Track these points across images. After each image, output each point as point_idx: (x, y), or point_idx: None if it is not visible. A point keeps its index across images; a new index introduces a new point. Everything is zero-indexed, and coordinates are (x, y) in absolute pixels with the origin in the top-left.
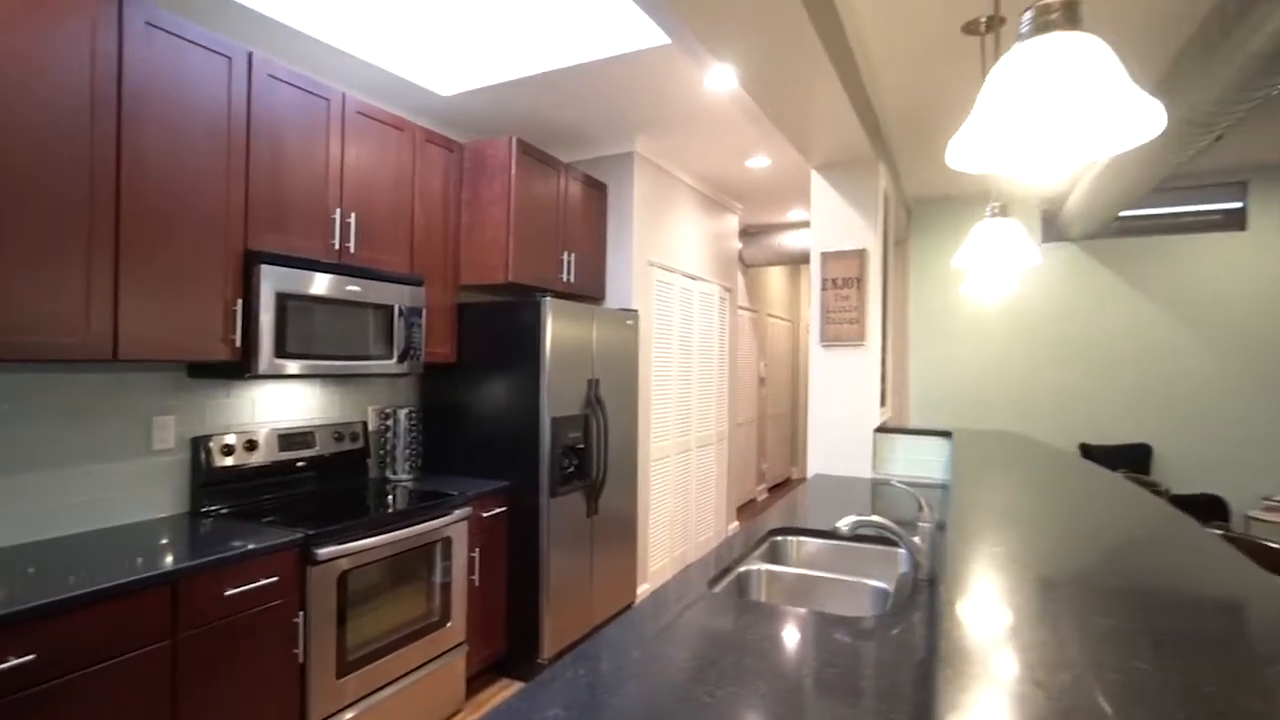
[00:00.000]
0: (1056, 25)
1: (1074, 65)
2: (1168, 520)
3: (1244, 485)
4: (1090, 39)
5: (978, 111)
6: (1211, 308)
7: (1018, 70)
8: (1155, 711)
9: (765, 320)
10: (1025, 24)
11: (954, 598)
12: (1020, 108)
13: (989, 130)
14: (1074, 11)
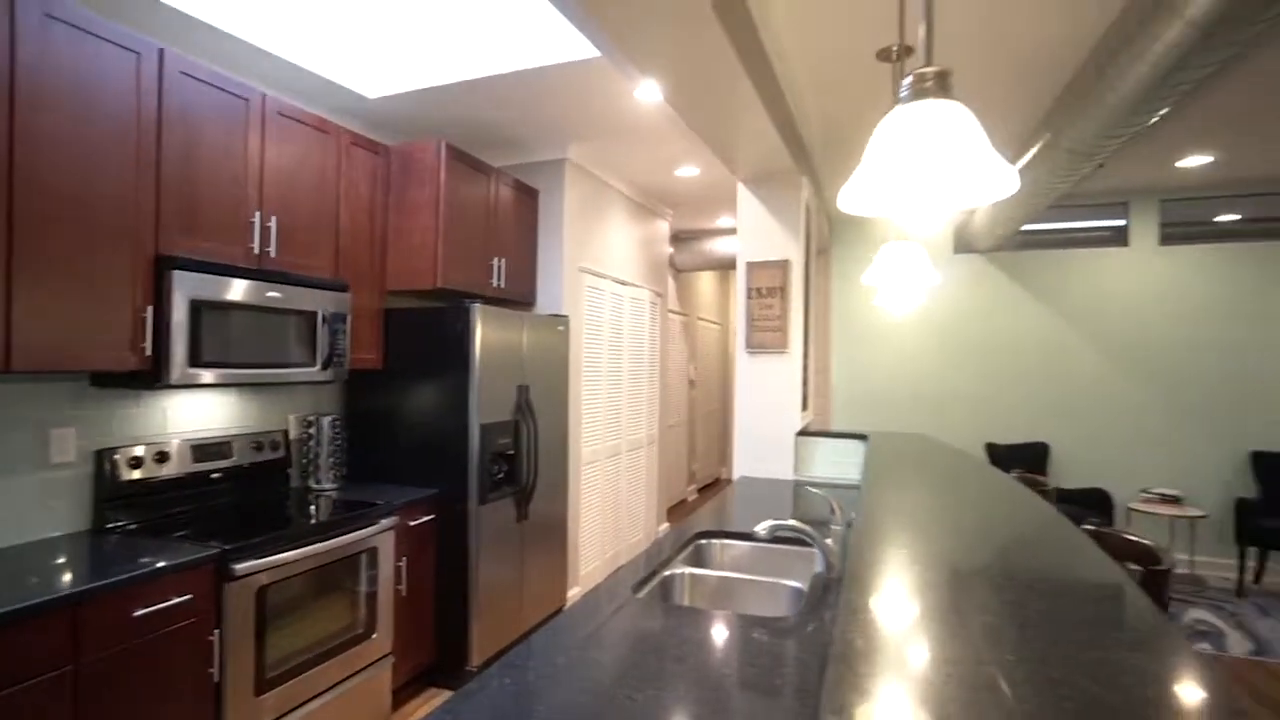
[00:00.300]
0: (931, 93)
1: (943, 129)
2: (1048, 521)
3: (1127, 479)
4: (958, 107)
5: (864, 164)
6: (1102, 317)
7: (897, 130)
8: (1013, 696)
9: (696, 324)
10: (905, 89)
11: (850, 599)
12: (898, 163)
13: (873, 181)
14: (945, 81)
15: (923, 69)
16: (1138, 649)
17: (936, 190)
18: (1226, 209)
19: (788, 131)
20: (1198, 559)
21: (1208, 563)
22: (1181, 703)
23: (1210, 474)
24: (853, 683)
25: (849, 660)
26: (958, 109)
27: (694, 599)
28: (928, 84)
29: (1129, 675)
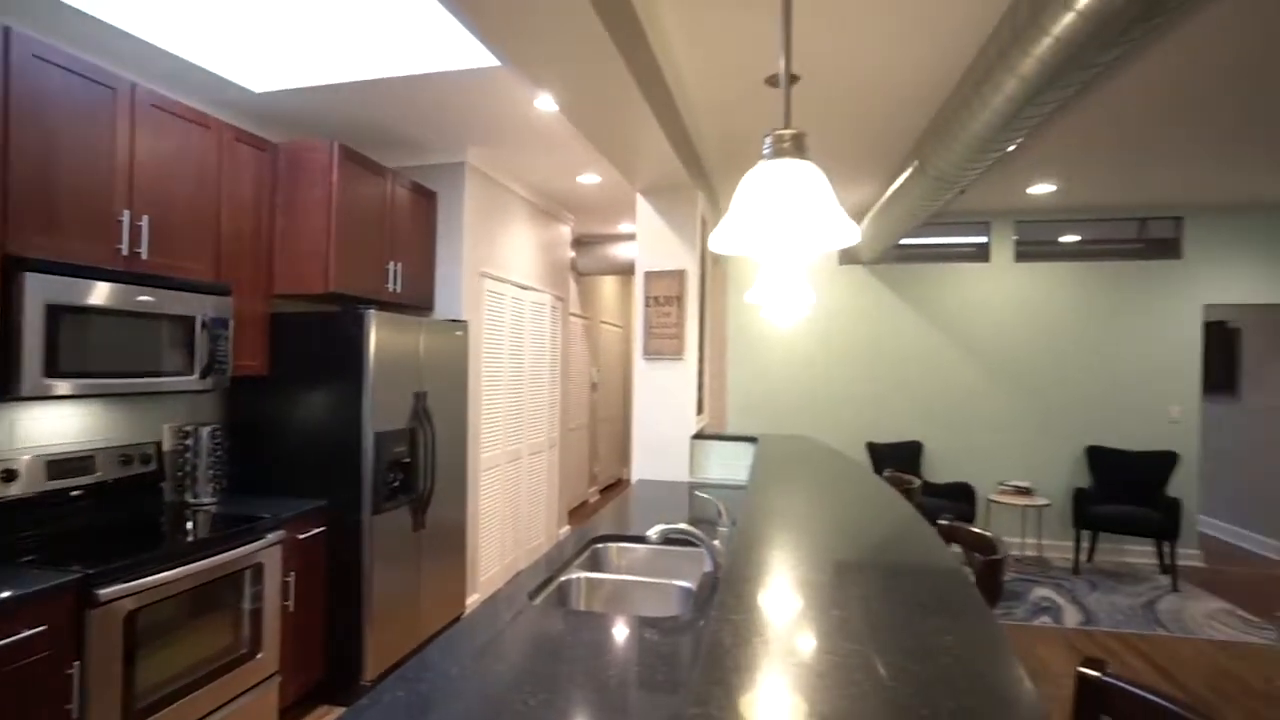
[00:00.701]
0: (788, 153)
1: (798, 186)
2: (907, 520)
3: (987, 473)
4: (810, 166)
5: (732, 210)
6: (968, 326)
7: (760, 183)
8: (852, 683)
9: (598, 327)
10: (766, 147)
11: (721, 599)
12: (761, 213)
13: (740, 226)
14: (801, 143)
15: (781, 131)
16: (960, 625)
17: (791, 238)
18: (1070, 231)
19: (683, 148)
20: (1044, 542)
21: (1052, 545)
22: (987, 670)
23: (1055, 467)
24: (717, 677)
25: (716, 656)
26: (810, 169)
27: (590, 603)
28: (785, 145)
29: (951, 648)
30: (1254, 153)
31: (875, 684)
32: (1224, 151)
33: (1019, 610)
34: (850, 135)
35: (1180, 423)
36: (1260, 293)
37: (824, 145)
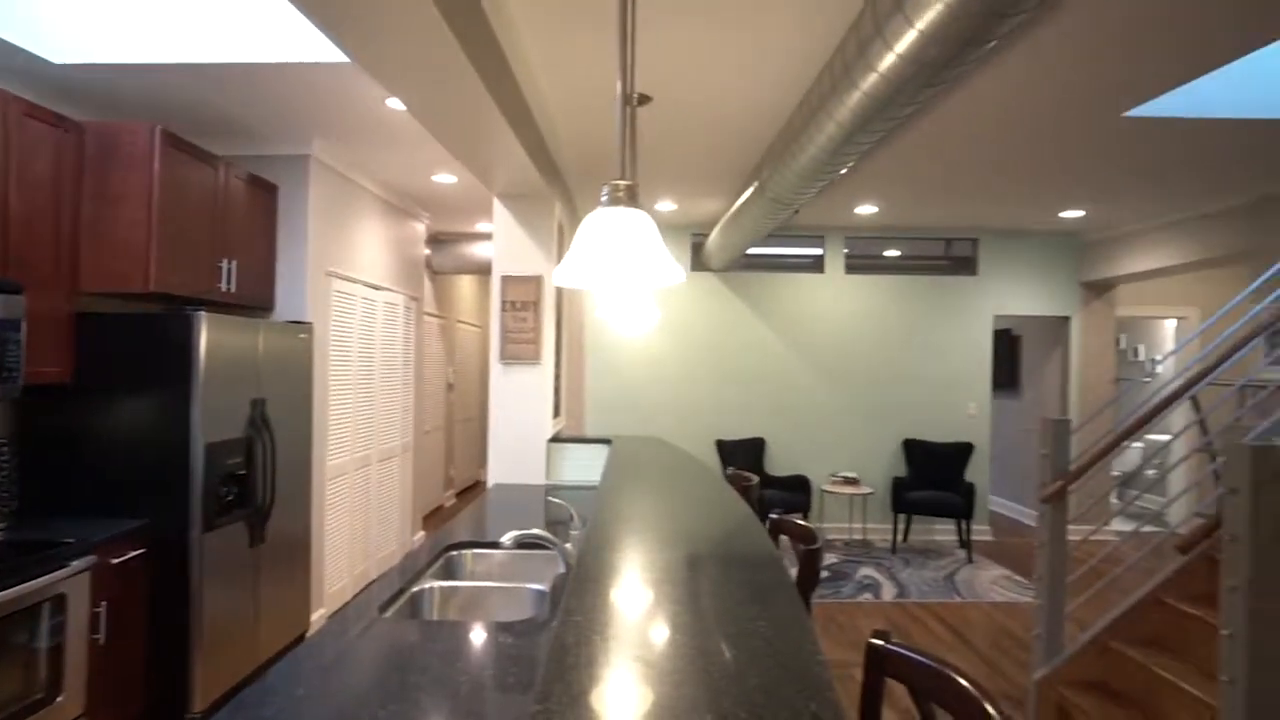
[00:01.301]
0: (623, 201)
1: (630, 231)
2: (741, 518)
3: (821, 466)
4: (641, 215)
5: (573, 249)
6: (806, 330)
7: (597, 227)
8: (706, 664)
9: (455, 326)
10: (604, 195)
11: (566, 602)
12: (598, 253)
13: (580, 264)
14: (633, 193)
15: (617, 181)
16: (772, 611)
17: (622, 277)
18: (891, 247)
19: (541, 158)
20: (868, 526)
21: (875, 529)
22: (790, 649)
23: (877, 458)
24: (559, 675)
25: (558, 656)
26: (641, 217)
27: (444, 612)
28: (620, 194)
29: (763, 631)
30: (1031, 188)
31: (697, 669)
32: (1007, 185)
33: (846, 588)
34: (700, 153)
35: (976, 417)
36: (1037, 306)
37: (676, 162)
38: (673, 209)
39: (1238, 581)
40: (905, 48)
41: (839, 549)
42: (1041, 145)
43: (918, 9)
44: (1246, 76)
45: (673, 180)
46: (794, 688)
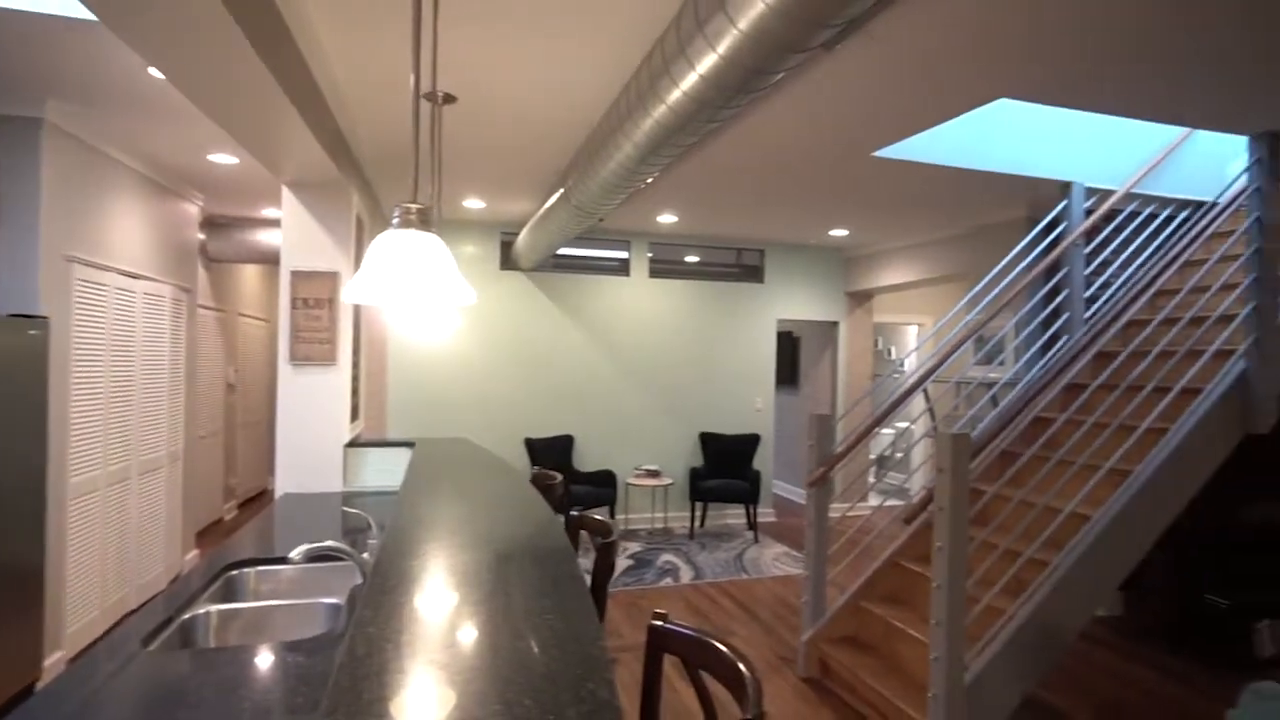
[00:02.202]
0: (414, 225)
1: (421, 254)
2: (541, 518)
3: (627, 460)
4: (432, 239)
5: (363, 267)
6: (613, 331)
7: (389, 247)
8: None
9: (237, 320)
10: (395, 217)
11: (361, 612)
12: (389, 272)
13: (370, 282)
14: (426, 217)
15: (408, 205)
16: (562, 604)
17: (413, 299)
18: (691, 253)
19: (338, 149)
20: (669, 515)
21: (675, 517)
22: (576, 636)
23: (677, 451)
24: (348, 685)
25: (348, 667)
26: (432, 241)
27: (224, 638)
28: (412, 217)
29: (553, 623)
30: (804, 209)
31: (489, 664)
32: (785, 205)
33: (648, 575)
34: (509, 156)
35: (762, 411)
36: (812, 311)
37: (484, 162)
38: (481, 207)
39: (943, 543)
40: (690, 86)
41: (643, 538)
42: (808, 174)
43: (698, 54)
44: (962, 134)
45: (481, 179)
46: (577, 671)
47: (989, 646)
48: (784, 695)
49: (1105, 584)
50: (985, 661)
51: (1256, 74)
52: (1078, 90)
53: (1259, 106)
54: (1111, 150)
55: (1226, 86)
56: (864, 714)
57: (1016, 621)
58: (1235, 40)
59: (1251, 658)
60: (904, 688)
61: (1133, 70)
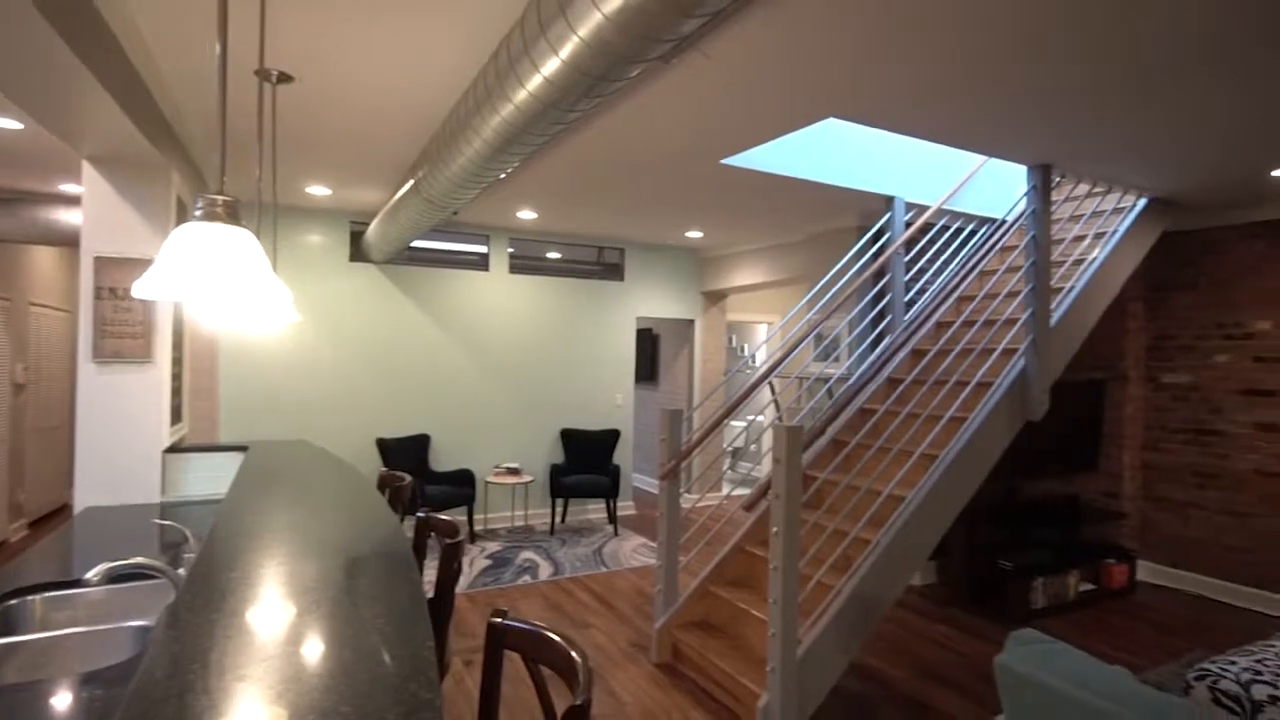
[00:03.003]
0: (220, 218)
1: (228, 249)
2: (377, 519)
3: (487, 458)
4: (242, 234)
5: (159, 260)
6: (471, 327)
7: (190, 241)
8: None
9: (27, 310)
10: (199, 208)
11: (164, 633)
12: (190, 267)
13: (168, 276)
14: (233, 210)
15: (213, 196)
16: (393, 608)
17: (216, 297)
18: (552, 250)
19: (153, 125)
20: (530, 512)
21: (536, 514)
22: (403, 639)
23: (538, 448)
24: (140, 713)
25: (144, 691)
26: (241, 235)
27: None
28: (218, 210)
29: (383, 628)
30: (660, 211)
31: (308, 676)
32: (642, 206)
33: (506, 574)
34: (355, 143)
35: (622, 406)
36: (670, 310)
37: (327, 147)
38: (327, 194)
39: (779, 527)
40: (535, 87)
41: (503, 537)
42: (664, 177)
43: (542, 57)
44: (802, 148)
45: (325, 165)
46: (402, 674)
47: (820, 620)
48: (638, 682)
49: (917, 556)
50: (817, 634)
51: (1031, 115)
52: (895, 115)
53: (1035, 140)
54: (929, 170)
55: (1009, 123)
56: (712, 693)
57: (843, 596)
58: (1016, 84)
59: (1030, 610)
60: (747, 664)
61: (937, 102)
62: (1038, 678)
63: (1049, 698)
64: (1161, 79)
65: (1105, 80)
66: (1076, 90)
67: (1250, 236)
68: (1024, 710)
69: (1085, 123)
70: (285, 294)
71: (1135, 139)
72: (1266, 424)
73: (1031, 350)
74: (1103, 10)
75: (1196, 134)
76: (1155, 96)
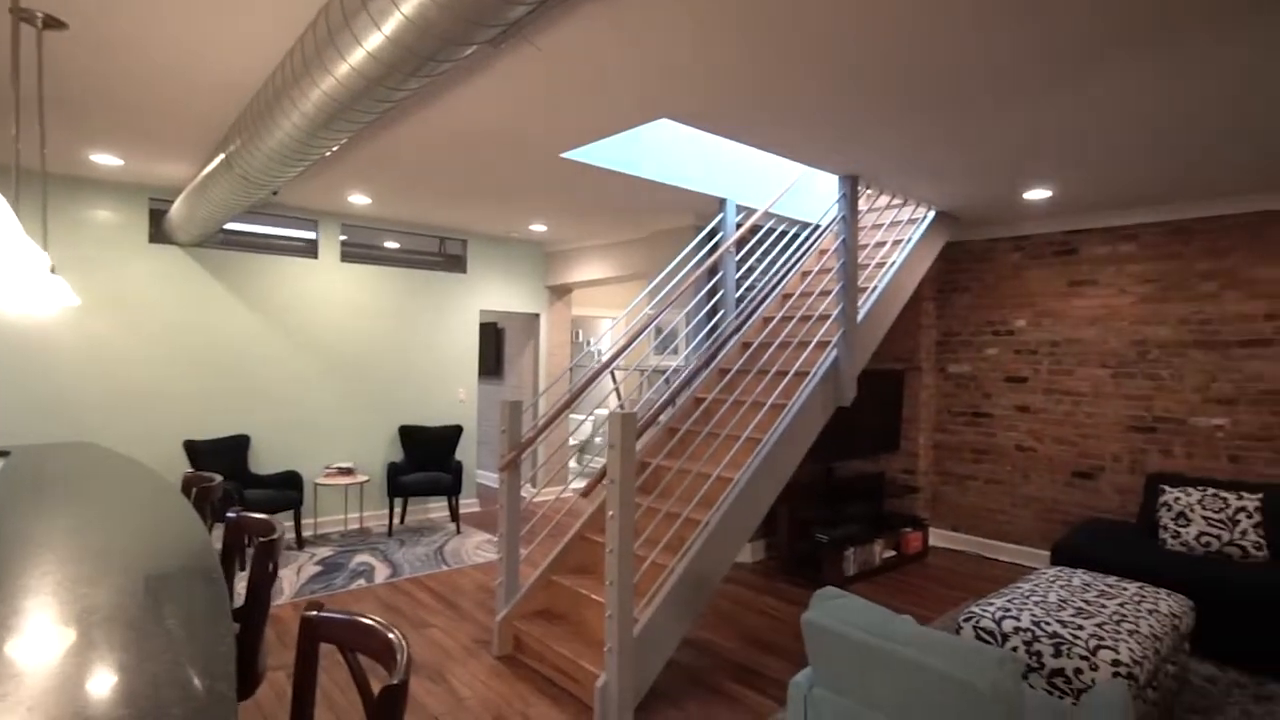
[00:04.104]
0: None
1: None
2: (175, 523)
3: (316, 459)
4: None
5: None
6: (298, 318)
7: None
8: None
9: None
10: None
11: None
12: None
13: None
14: None
15: None
16: (190, 608)
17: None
18: (391, 239)
19: None
20: (366, 514)
21: (373, 516)
22: (197, 638)
23: (374, 446)
24: None
25: None
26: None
27: None
28: None
29: (175, 628)
30: (503, 202)
31: (75, 687)
32: (484, 196)
33: (339, 579)
34: (147, 106)
35: (465, 401)
36: (515, 303)
37: (113, 109)
38: (118, 165)
39: (614, 511)
40: (358, 62)
41: (335, 541)
42: (502, 168)
43: (363, 31)
44: (639, 147)
45: (112, 132)
46: (194, 671)
47: (655, 599)
48: (480, 676)
49: (743, 533)
50: (652, 612)
51: (840, 130)
52: (723, 121)
53: (844, 153)
54: (761, 176)
55: (821, 136)
56: (554, 679)
57: (676, 574)
58: (827, 101)
59: (844, 577)
60: (588, 648)
61: (758, 111)
62: (837, 629)
63: (847, 645)
64: (941, 109)
65: (897, 105)
66: (875, 112)
67: (1012, 249)
68: (827, 658)
69: (883, 141)
70: (39, 260)
71: (923, 159)
72: (1022, 406)
73: (843, 342)
74: (897, 45)
75: (968, 158)
76: (938, 123)
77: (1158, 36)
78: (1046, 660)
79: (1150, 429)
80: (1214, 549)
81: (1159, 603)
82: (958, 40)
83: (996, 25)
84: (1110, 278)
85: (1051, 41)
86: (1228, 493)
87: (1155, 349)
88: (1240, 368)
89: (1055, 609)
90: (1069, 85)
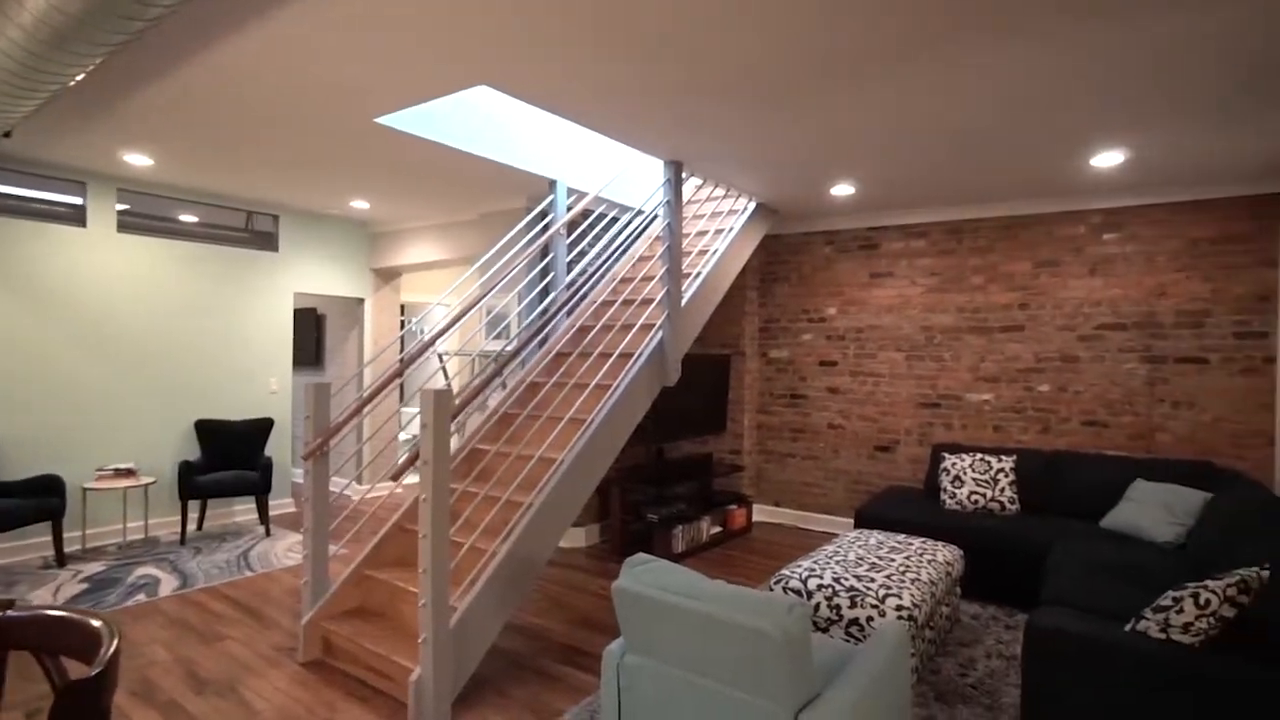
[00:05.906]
0: None
1: None
2: None
3: (86, 460)
4: None
5: None
6: (60, 296)
7: None
8: None
9: None
10: None
11: None
12: None
13: None
14: None
15: None
16: None
17: None
18: (185, 211)
19: None
20: (153, 521)
21: (162, 522)
22: None
23: (163, 444)
24: None
25: None
26: None
27: None
28: None
29: None
30: (314, 174)
31: None
32: (291, 164)
33: (111, 596)
34: None
35: (278, 393)
36: (336, 287)
37: None
38: None
39: (428, 494)
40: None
41: (111, 554)
42: (310, 131)
43: None
44: (465, 120)
45: None
46: None
47: (475, 585)
48: (279, 685)
49: (569, 514)
50: (471, 599)
51: (661, 114)
52: (547, 93)
53: (667, 138)
54: (594, 159)
55: (644, 118)
56: (365, 680)
57: (499, 558)
58: (648, 81)
59: (673, 554)
60: (402, 642)
61: (580, 86)
62: (649, 594)
63: (652, 607)
64: (749, 104)
65: (711, 94)
66: (693, 99)
67: (824, 243)
68: (639, 625)
69: (700, 128)
70: None
71: (737, 150)
72: (832, 388)
73: (667, 324)
74: (713, 31)
75: (778, 153)
76: (748, 117)
77: (921, 54)
78: (845, 612)
79: (935, 404)
80: (980, 505)
81: (937, 554)
82: (761, 38)
83: (783, 30)
84: (904, 270)
85: (838, 48)
86: (991, 457)
87: (939, 334)
88: (1002, 349)
89: (853, 565)
90: (855, 89)
